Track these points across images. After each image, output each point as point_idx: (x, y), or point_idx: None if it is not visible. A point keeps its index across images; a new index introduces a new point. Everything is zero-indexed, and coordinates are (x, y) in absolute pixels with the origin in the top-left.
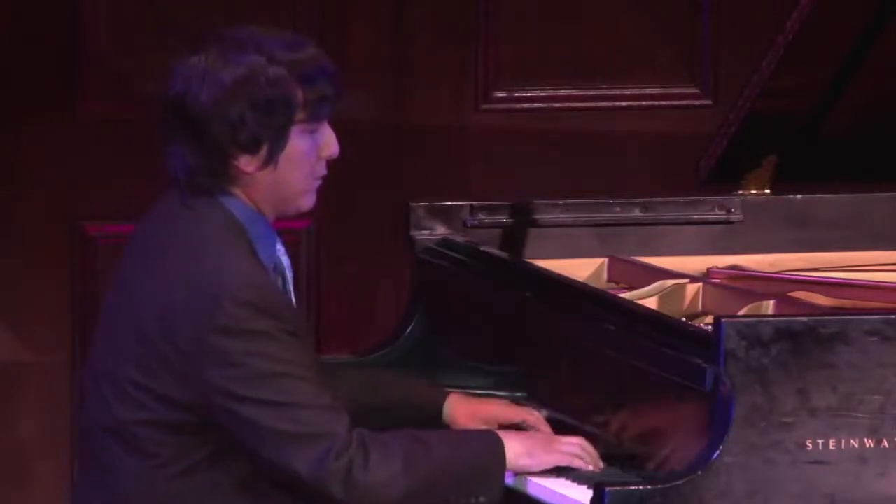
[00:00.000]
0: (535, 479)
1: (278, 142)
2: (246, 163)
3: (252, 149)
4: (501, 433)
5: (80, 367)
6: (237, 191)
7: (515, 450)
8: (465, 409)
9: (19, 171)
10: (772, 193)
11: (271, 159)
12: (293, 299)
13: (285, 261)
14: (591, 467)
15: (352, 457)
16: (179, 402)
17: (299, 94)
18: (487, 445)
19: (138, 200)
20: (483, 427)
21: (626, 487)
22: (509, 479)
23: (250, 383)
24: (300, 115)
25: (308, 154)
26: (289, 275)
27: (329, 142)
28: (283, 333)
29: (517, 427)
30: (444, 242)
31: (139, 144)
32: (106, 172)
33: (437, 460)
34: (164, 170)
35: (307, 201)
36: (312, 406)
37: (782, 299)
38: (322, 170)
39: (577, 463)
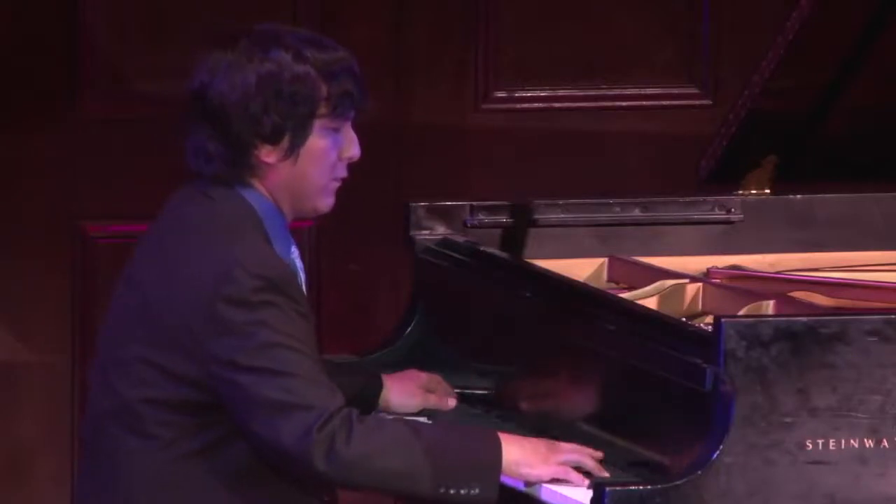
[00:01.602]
0: (547, 486)
1: (300, 133)
2: (267, 153)
3: (274, 139)
4: (506, 437)
5: (80, 367)
6: (257, 183)
7: (515, 456)
8: (398, 386)
9: (19, 171)
10: (772, 193)
11: (292, 151)
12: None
13: (299, 264)
14: (586, 482)
15: (335, 428)
16: (185, 378)
17: (323, 89)
18: (483, 441)
19: (138, 200)
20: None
21: (626, 487)
22: (520, 486)
23: (253, 353)
24: (323, 110)
25: (329, 151)
26: (302, 277)
27: (350, 143)
28: (290, 310)
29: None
30: (444, 242)
31: (139, 144)
32: (106, 172)
33: (427, 445)
34: (165, 169)
35: (325, 201)
36: (307, 379)
37: (782, 299)
38: (342, 171)
39: (572, 476)
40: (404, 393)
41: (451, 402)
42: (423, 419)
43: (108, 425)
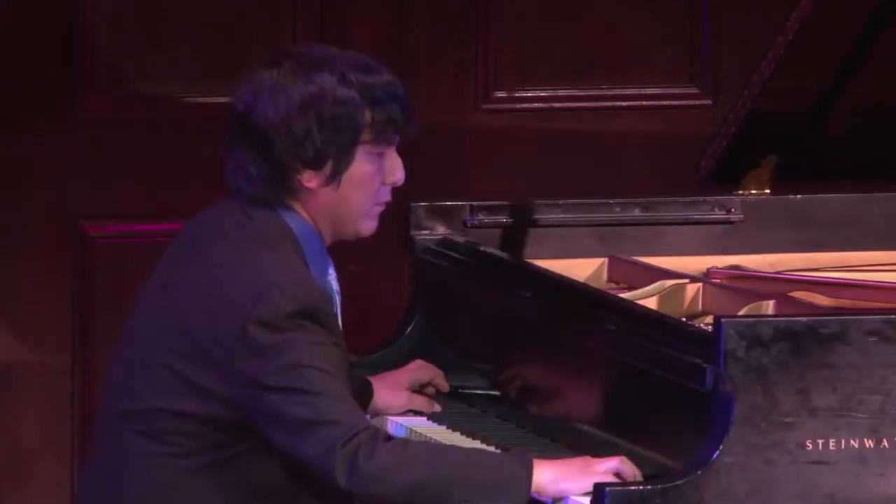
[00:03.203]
0: (575, 499)
1: (343, 160)
2: (309, 178)
3: (316, 165)
4: (538, 460)
5: (80, 367)
6: (297, 206)
7: (551, 475)
8: (382, 384)
9: (19, 171)
10: (772, 193)
11: (335, 177)
12: (340, 324)
13: (335, 286)
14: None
15: (359, 443)
16: (210, 392)
17: (367, 115)
18: (512, 459)
19: (138, 200)
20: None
21: (627, 487)
22: (548, 502)
23: (279, 373)
24: (366, 136)
25: (372, 177)
26: (338, 300)
27: (395, 168)
28: (321, 335)
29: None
30: (444, 242)
31: (139, 144)
32: (106, 172)
33: (452, 462)
34: (165, 169)
35: (367, 226)
36: (334, 397)
37: (782, 299)
38: (386, 195)
39: (612, 481)
40: (388, 392)
41: (436, 408)
42: (422, 420)
43: (123, 425)
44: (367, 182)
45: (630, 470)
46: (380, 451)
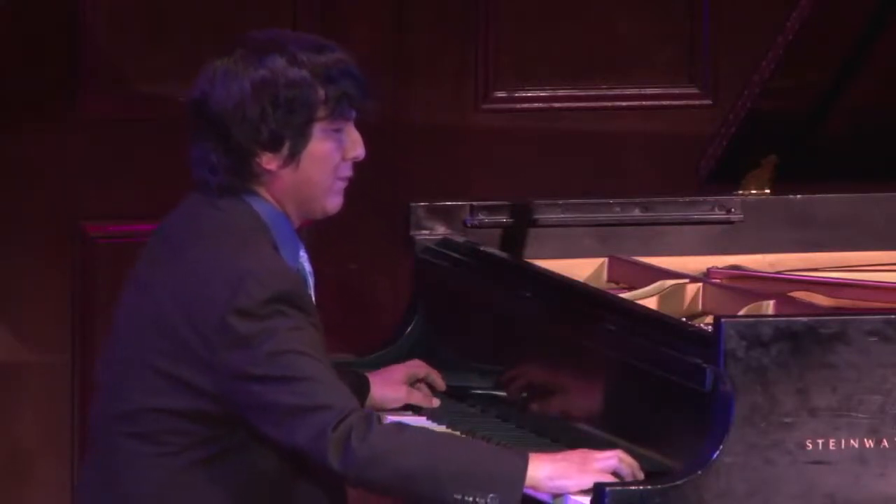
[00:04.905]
0: (574, 498)
1: (300, 139)
2: (268, 161)
3: (274, 146)
4: (536, 455)
5: (80, 367)
6: (262, 190)
7: (547, 471)
8: (379, 379)
9: (19, 171)
10: (772, 193)
11: (294, 157)
12: (314, 305)
13: (307, 266)
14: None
15: (352, 425)
16: (200, 390)
17: (321, 93)
18: (508, 454)
19: (138, 200)
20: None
21: (627, 487)
22: (547, 498)
23: (263, 362)
24: (321, 113)
25: (331, 153)
26: (311, 281)
27: (354, 143)
28: (300, 319)
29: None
30: (444, 242)
31: (139, 144)
32: (106, 172)
33: (447, 451)
34: (164, 169)
35: (332, 203)
36: (320, 381)
37: (782, 299)
38: (347, 171)
39: (610, 481)
40: (385, 387)
41: (435, 402)
42: (422, 419)
43: (116, 427)
44: (327, 159)
45: (628, 468)
46: (374, 434)
